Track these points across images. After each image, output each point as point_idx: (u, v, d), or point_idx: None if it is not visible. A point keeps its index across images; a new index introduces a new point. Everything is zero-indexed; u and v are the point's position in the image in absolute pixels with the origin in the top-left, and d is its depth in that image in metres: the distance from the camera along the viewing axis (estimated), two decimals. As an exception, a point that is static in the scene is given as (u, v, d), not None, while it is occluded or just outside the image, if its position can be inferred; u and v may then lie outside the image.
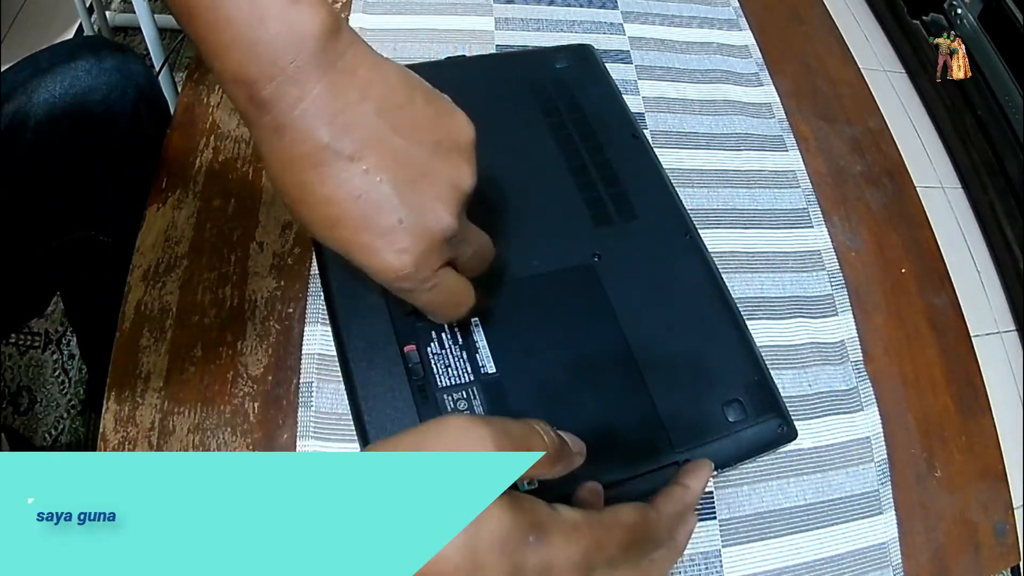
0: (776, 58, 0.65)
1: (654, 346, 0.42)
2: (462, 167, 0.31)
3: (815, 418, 0.45)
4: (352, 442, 0.39)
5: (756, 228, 0.53)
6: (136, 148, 0.55)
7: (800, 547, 0.41)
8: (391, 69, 0.30)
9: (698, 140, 0.57)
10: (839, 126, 0.62)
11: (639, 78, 0.60)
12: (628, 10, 0.65)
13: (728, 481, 0.42)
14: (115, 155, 0.54)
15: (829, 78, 0.65)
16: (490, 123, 0.52)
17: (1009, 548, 0.44)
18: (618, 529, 0.28)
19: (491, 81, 0.55)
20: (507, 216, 0.47)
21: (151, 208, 0.49)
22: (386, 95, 0.30)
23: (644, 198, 0.49)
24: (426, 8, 0.62)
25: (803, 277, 0.51)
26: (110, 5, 1.53)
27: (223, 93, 0.55)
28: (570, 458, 0.30)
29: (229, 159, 0.52)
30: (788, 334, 0.48)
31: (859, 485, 0.44)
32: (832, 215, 0.55)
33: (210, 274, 0.46)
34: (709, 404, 0.41)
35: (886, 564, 0.42)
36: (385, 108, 0.29)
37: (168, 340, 0.43)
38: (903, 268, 0.54)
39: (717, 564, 0.40)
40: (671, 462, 0.39)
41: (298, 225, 0.32)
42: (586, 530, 0.27)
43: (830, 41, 0.69)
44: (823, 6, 0.72)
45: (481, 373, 0.40)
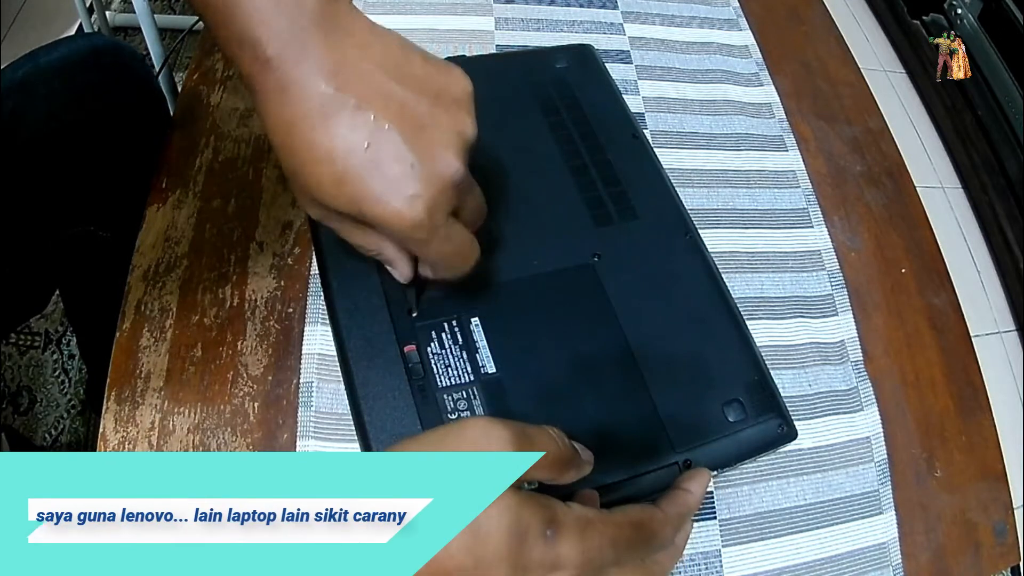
0: (776, 58, 0.65)
1: (654, 346, 0.42)
2: (463, 117, 0.32)
3: (815, 418, 0.45)
4: (352, 442, 0.39)
5: (756, 228, 0.53)
6: (135, 145, 0.55)
7: (800, 547, 0.41)
8: (388, 32, 0.32)
9: (698, 140, 0.57)
10: (839, 126, 0.62)
11: (639, 78, 0.60)
12: (628, 10, 0.65)
13: (728, 481, 0.42)
14: (114, 152, 0.54)
15: (829, 78, 0.65)
16: (490, 123, 0.52)
17: (1009, 548, 0.44)
18: (628, 527, 0.29)
19: (491, 81, 0.55)
20: (507, 216, 0.47)
21: (151, 208, 0.49)
22: (385, 53, 0.31)
23: (644, 198, 0.49)
24: (426, 8, 0.62)
25: (803, 277, 0.51)
26: (110, 5, 1.53)
27: (223, 93, 0.55)
28: (580, 466, 0.31)
29: (229, 159, 0.52)
30: (788, 334, 0.48)
31: (859, 485, 0.44)
32: (832, 215, 0.55)
33: (210, 274, 0.46)
34: (709, 404, 0.41)
35: (886, 564, 0.42)
36: (385, 64, 0.30)
37: (168, 340, 0.43)
38: (903, 268, 0.54)
39: (717, 564, 0.40)
40: (671, 462, 0.39)
41: (303, 197, 0.32)
42: (599, 526, 0.27)
43: (830, 41, 0.69)
44: (823, 6, 0.72)
45: (481, 373, 0.40)
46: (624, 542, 0.28)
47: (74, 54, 0.55)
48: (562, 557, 0.25)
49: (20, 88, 0.53)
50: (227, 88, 0.56)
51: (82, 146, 0.53)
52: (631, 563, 0.29)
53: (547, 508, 0.26)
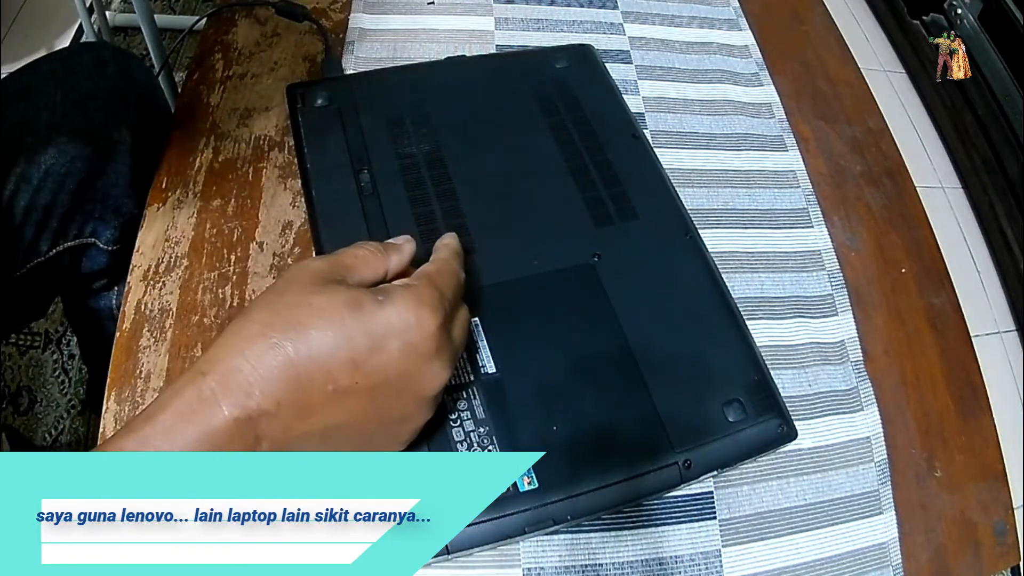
0: (776, 58, 0.65)
1: (654, 346, 0.42)
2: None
3: (815, 418, 0.45)
4: (352, 442, 0.39)
5: (756, 228, 0.53)
6: (138, 153, 0.55)
7: (800, 547, 0.41)
8: None
9: (698, 140, 0.57)
10: (839, 126, 0.62)
11: (639, 78, 0.60)
12: (628, 10, 0.65)
13: (728, 481, 0.42)
14: (116, 161, 0.54)
15: (829, 78, 0.65)
16: (490, 123, 0.53)
17: (1009, 548, 0.44)
18: (448, 275, 0.35)
19: (491, 81, 0.55)
20: (507, 216, 0.47)
21: (151, 208, 0.49)
22: None
23: (644, 198, 0.49)
24: (426, 8, 0.62)
25: (803, 277, 0.51)
26: (110, 5, 1.53)
27: (223, 93, 0.55)
28: (397, 249, 0.35)
29: (229, 159, 0.52)
30: (788, 334, 0.48)
31: (859, 485, 0.44)
32: (832, 215, 0.55)
33: (210, 274, 0.46)
34: (709, 404, 0.41)
35: (886, 564, 0.42)
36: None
37: (168, 340, 0.43)
38: (903, 268, 0.54)
39: (717, 564, 0.40)
40: (671, 462, 0.39)
41: None
42: (424, 278, 0.33)
43: (830, 41, 0.69)
44: (823, 6, 0.72)
45: (481, 373, 0.40)
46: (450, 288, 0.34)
47: (76, 63, 0.55)
48: (392, 290, 0.32)
49: (23, 97, 0.53)
50: (227, 88, 0.56)
51: (84, 156, 0.53)
52: None
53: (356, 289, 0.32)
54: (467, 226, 0.46)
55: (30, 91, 0.53)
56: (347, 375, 0.30)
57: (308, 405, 0.29)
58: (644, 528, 0.40)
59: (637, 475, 0.38)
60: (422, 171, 0.48)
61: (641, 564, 0.39)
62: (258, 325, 0.30)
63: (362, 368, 0.30)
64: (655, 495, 0.40)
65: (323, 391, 0.29)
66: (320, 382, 0.29)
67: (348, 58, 0.58)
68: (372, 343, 0.30)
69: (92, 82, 0.54)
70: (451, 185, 0.48)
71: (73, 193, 0.53)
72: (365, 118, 0.51)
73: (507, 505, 0.36)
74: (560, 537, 0.39)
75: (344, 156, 0.48)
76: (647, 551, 0.39)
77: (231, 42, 0.59)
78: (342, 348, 0.29)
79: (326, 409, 0.30)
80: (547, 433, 0.39)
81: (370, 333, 0.30)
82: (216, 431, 0.28)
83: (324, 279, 0.32)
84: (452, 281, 0.35)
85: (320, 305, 0.30)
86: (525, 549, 0.39)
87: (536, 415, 0.39)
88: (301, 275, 0.32)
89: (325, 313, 0.30)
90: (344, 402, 0.30)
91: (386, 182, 0.47)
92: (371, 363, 0.30)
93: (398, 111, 0.51)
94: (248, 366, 0.28)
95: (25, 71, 0.55)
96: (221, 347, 0.29)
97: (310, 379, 0.29)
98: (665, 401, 0.40)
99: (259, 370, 0.29)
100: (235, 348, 0.29)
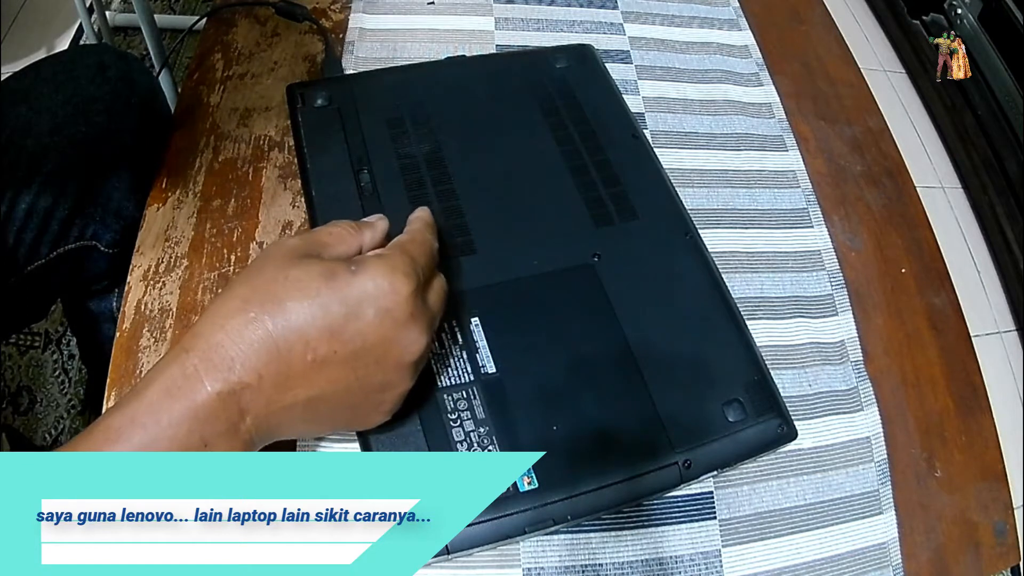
0: (776, 58, 0.65)
1: (654, 346, 0.42)
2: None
3: (815, 418, 0.45)
4: (352, 442, 0.39)
5: (756, 228, 0.53)
6: (139, 157, 0.55)
7: (800, 547, 0.41)
8: None
9: (698, 140, 0.57)
10: (839, 126, 0.62)
11: (639, 78, 0.60)
12: (628, 10, 0.65)
13: (728, 481, 0.42)
14: (117, 165, 0.54)
15: (829, 78, 0.65)
16: (490, 123, 0.53)
17: (1009, 548, 0.44)
18: (421, 244, 0.35)
19: (491, 81, 0.55)
20: (507, 216, 0.47)
21: (151, 208, 0.49)
22: None
23: (644, 198, 0.49)
24: (426, 8, 0.62)
25: (803, 277, 0.51)
26: (110, 5, 1.53)
27: (223, 93, 0.55)
28: (371, 227, 0.36)
29: (229, 159, 0.52)
30: (788, 334, 0.48)
31: (859, 485, 0.44)
32: (832, 215, 0.55)
33: (210, 274, 0.46)
34: (709, 404, 0.41)
35: (886, 564, 0.42)
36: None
37: (168, 340, 0.43)
38: (903, 268, 0.54)
39: (717, 564, 0.40)
40: (671, 462, 0.39)
41: None
42: (397, 247, 0.34)
43: (830, 41, 0.69)
44: (823, 6, 0.72)
45: (481, 373, 0.40)
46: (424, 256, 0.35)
47: (77, 66, 0.55)
48: (366, 262, 0.32)
49: (24, 100, 0.53)
50: (227, 88, 0.56)
51: (85, 160, 0.53)
52: None
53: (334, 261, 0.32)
54: (467, 226, 0.46)
55: (31, 95, 0.53)
56: (325, 344, 0.30)
57: (289, 376, 0.30)
58: (644, 528, 0.40)
59: (637, 475, 0.38)
60: (422, 171, 0.48)
61: (641, 564, 0.39)
62: (237, 301, 0.30)
63: (339, 336, 0.30)
64: (655, 495, 0.40)
65: (303, 361, 0.30)
66: (299, 352, 0.30)
67: (348, 58, 0.58)
68: (348, 311, 0.31)
69: (94, 86, 0.54)
70: (451, 185, 0.48)
71: (74, 197, 0.53)
72: (365, 118, 0.51)
73: (507, 505, 0.36)
74: (560, 537, 0.39)
75: (344, 156, 0.48)
76: (647, 551, 0.39)
77: (231, 42, 0.59)
78: (318, 317, 0.30)
79: (307, 379, 0.31)
80: (547, 433, 0.39)
81: (345, 301, 0.31)
82: (200, 406, 0.28)
83: (300, 254, 0.32)
84: (425, 249, 0.35)
85: (296, 278, 0.31)
86: (525, 549, 0.39)
87: (536, 415, 0.39)
88: (278, 252, 0.33)
89: (300, 285, 0.31)
90: (325, 371, 0.31)
91: (386, 182, 0.47)
92: (348, 330, 0.31)
93: (398, 111, 0.51)
94: (229, 341, 0.29)
95: (26, 74, 0.55)
96: (203, 324, 0.30)
97: (289, 350, 0.30)
98: (665, 401, 0.40)
99: (240, 344, 0.29)
100: (216, 324, 0.30)
